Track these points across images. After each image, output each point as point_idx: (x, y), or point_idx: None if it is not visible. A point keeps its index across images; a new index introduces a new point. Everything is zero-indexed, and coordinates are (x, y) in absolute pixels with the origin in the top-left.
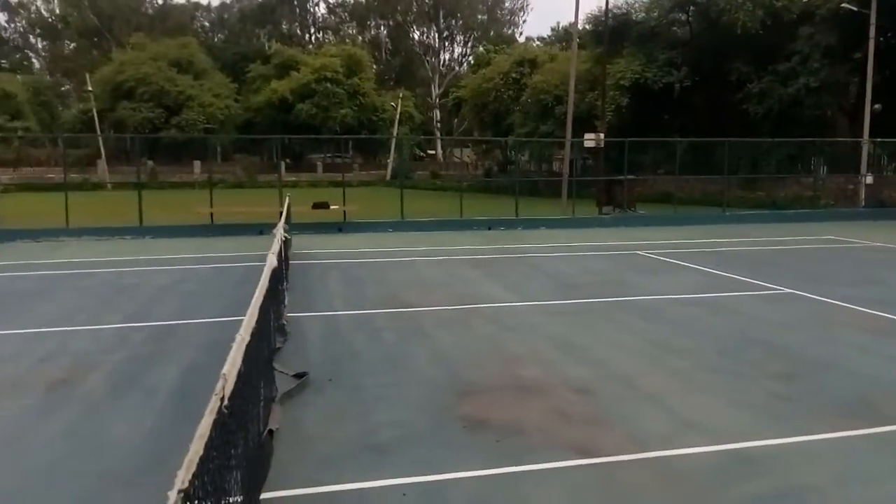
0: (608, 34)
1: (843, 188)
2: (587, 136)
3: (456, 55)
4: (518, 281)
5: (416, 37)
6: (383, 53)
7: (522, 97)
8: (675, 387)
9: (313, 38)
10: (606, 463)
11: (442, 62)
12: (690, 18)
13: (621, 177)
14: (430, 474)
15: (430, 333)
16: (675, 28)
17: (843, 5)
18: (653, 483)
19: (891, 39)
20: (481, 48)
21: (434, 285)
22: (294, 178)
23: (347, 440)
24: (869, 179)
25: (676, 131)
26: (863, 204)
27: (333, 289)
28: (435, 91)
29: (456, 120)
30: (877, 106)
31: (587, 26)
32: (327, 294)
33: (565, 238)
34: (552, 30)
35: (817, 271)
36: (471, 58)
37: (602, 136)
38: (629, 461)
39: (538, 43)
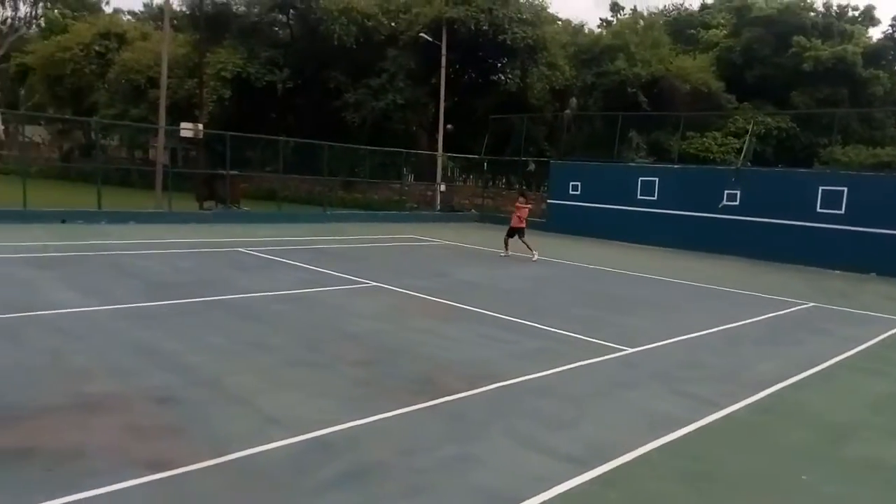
0: (204, 20)
1: (424, 194)
2: (184, 125)
3: (22, 13)
4: (96, 283)
5: None
6: None
7: (109, 74)
8: (263, 385)
9: None
10: (180, 474)
11: (2, 19)
12: (291, 21)
13: (224, 171)
14: None
15: None
16: (276, 28)
17: (421, 35)
18: (228, 485)
19: (459, 71)
20: (56, 12)
21: None
22: None
23: None
24: (443, 187)
25: (283, 130)
26: (438, 208)
27: None
28: None
29: (23, 91)
30: (449, 126)
31: (184, 9)
32: None
33: (159, 234)
34: (145, 6)
35: (399, 266)
36: (42, 20)
37: (201, 126)
38: (206, 468)
39: (129, 17)
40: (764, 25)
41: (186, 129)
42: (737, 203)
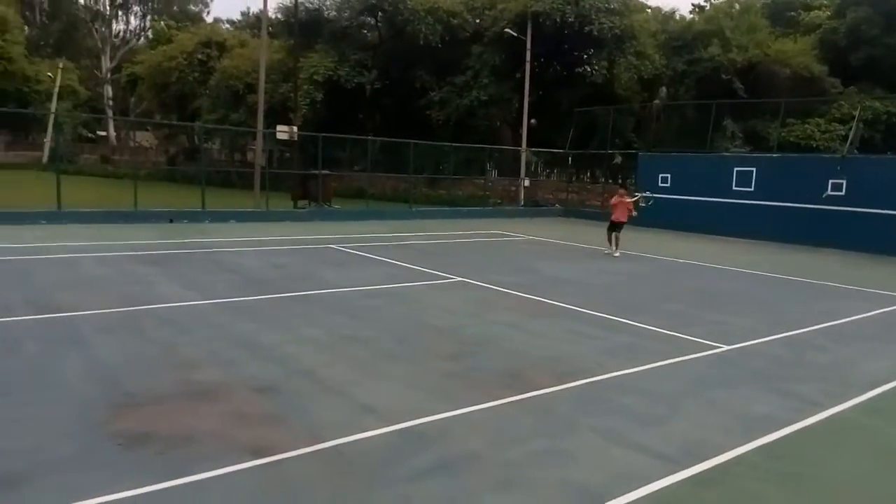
0: (299, 26)
1: (508, 189)
2: (280, 127)
3: (132, 27)
4: (200, 278)
5: (81, 0)
6: (37, 15)
7: (210, 81)
8: (357, 376)
9: None
10: (280, 460)
11: (115, 33)
12: (379, 24)
13: (316, 171)
14: (73, 501)
15: (88, 341)
16: (365, 31)
17: (505, 30)
18: (324, 472)
19: (543, 65)
20: (162, 23)
21: (97, 286)
22: None
23: None
24: (527, 182)
25: (370, 130)
26: (522, 203)
27: None
28: (106, 64)
29: (133, 99)
30: (533, 121)
31: (279, 16)
32: None
33: (257, 232)
34: (242, 14)
35: (484, 261)
36: (149, 32)
37: (296, 129)
38: (303, 455)
39: (228, 26)
40: (871, 4)
41: (282, 132)
42: (842, 193)
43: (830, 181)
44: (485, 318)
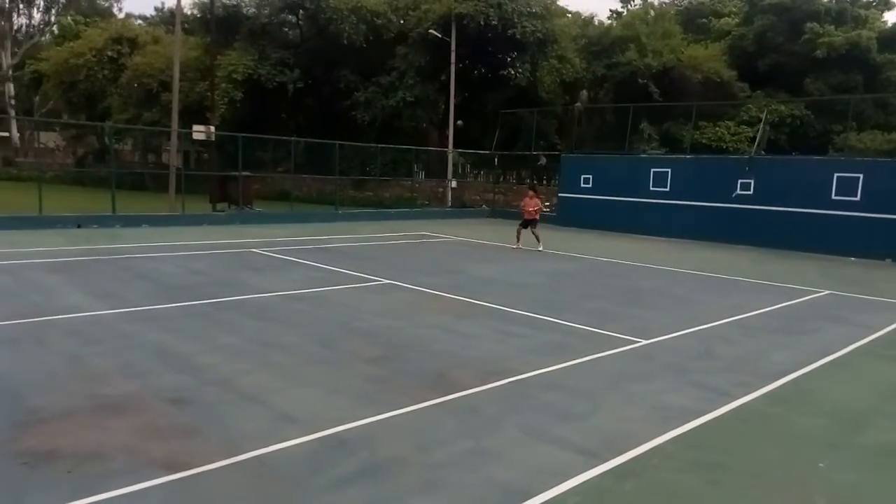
0: (215, 23)
1: (435, 190)
2: (196, 127)
3: (35, 21)
4: (110, 286)
5: None
6: None
7: (122, 79)
8: (277, 384)
9: None
10: (197, 474)
11: (17, 27)
12: (301, 22)
13: (236, 173)
14: None
15: None
16: (286, 29)
17: (430, 32)
18: (243, 485)
19: (468, 67)
20: (69, 18)
21: None
22: None
23: None
24: (454, 184)
25: (293, 131)
26: (450, 204)
27: None
28: (6, 60)
29: (38, 98)
30: (459, 122)
31: (195, 12)
32: None
33: (173, 236)
34: (156, 10)
35: (411, 263)
36: (55, 27)
37: (213, 128)
38: (221, 468)
39: (140, 22)
40: (776, 13)
41: (199, 132)
42: (751, 192)
43: (739, 181)
44: (411, 321)
